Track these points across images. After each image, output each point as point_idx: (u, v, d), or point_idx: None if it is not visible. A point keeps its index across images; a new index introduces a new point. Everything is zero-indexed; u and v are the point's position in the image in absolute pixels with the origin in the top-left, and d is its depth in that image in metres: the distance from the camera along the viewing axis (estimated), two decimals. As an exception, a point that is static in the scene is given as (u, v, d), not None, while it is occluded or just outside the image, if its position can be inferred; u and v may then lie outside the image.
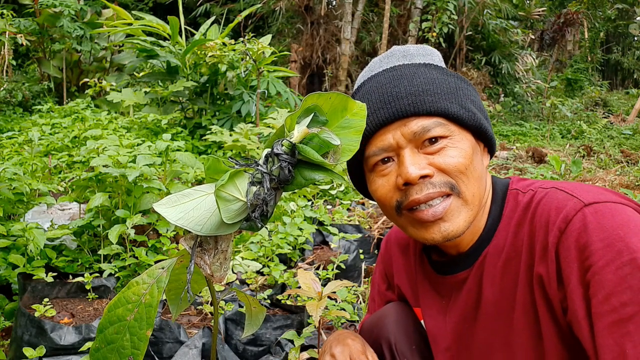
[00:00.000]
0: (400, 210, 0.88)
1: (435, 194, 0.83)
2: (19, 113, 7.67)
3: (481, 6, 10.98)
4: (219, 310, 1.94)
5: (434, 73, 0.89)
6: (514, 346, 0.87)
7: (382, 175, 0.89)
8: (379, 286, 1.28)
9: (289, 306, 2.07)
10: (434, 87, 0.86)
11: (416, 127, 0.84)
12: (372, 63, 0.98)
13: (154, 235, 2.61)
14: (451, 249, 0.96)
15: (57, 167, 4.35)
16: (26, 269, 2.07)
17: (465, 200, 0.86)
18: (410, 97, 0.85)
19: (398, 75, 0.88)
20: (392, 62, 0.93)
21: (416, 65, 0.91)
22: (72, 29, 7.84)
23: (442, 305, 1.01)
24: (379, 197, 0.91)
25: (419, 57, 0.93)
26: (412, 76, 0.88)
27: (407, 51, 0.95)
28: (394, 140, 0.86)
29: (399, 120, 0.85)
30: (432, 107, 0.84)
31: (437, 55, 0.97)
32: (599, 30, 14.90)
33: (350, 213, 3.62)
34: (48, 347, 1.69)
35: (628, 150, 7.07)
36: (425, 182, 0.84)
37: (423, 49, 0.96)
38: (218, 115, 5.64)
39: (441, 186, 0.84)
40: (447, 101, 0.86)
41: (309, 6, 11.00)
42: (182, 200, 0.71)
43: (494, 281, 0.89)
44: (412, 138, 0.85)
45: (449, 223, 0.85)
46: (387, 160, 0.88)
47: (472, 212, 0.87)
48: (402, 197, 0.86)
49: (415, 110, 0.84)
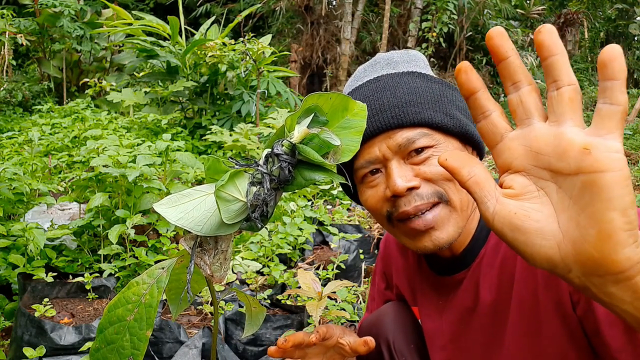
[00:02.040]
0: (392, 220, 0.88)
1: (423, 205, 0.84)
2: (19, 113, 7.67)
3: (481, 6, 10.99)
4: (219, 310, 1.94)
5: (417, 82, 0.89)
6: (510, 345, 0.87)
7: (371, 186, 0.90)
8: (378, 285, 1.29)
9: (289, 306, 2.07)
10: (417, 97, 0.87)
11: (401, 139, 0.85)
12: (357, 72, 0.98)
13: (154, 235, 2.61)
14: (445, 251, 0.96)
15: (57, 167, 4.35)
16: (26, 269, 2.07)
17: (454, 207, 0.86)
18: (394, 110, 0.86)
19: (381, 87, 0.89)
20: (377, 71, 0.94)
21: (399, 74, 0.91)
22: (72, 29, 7.84)
23: (439, 305, 1.02)
24: (370, 208, 0.92)
25: (403, 65, 0.94)
26: (395, 87, 0.88)
27: (391, 59, 0.95)
28: (380, 153, 0.87)
29: (384, 132, 0.86)
30: (415, 118, 0.85)
31: (422, 60, 0.97)
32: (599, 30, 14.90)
33: (350, 213, 3.63)
34: (48, 347, 1.69)
35: (628, 150, 7.07)
36: (412, 194, 0.84)
37: (407, 54, 0.96)
38: (218, 115, 5.64)
39: (429, 197, 0.84)
40: (430, 110, 0.86)
41: (309, 6, 11.00)
42: (182, 201, 0.71)
43: (491, 281, 0.90)
44: (397, 150, 0.86)
45: (439, 231, 0.85)
46: (376, 172, 0.89)
47: (462, 218, 0.87)
48: (392, 208, 0.87)
49: (398, 122, 0.85)
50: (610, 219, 0.42)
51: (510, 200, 0.47)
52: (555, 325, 0.80)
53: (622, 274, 0.43)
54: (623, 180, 0.42)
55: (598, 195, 0.42)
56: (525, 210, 0.46)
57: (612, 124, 0.43)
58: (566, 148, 0.44)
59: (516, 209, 0.47)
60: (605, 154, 0.42)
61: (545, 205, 0.46)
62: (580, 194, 0.43)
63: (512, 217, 0.47)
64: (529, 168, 0.47)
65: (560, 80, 0.45)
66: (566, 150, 0.44)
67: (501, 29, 0.47)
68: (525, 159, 0.47)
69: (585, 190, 0.43)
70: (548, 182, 0.46)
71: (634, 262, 0.42)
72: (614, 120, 0.42)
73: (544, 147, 0.46)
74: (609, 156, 0.42)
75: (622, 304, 0.45)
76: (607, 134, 0.42)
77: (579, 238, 0.44)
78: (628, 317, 0.46)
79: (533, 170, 0.47)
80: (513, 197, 0.48)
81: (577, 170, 0.43)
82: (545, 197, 0.46)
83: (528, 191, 0.47)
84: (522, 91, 0.48)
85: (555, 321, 0.80)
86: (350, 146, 0.69)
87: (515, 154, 0.48)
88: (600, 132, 0.43)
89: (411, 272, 1.12)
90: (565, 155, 0.44)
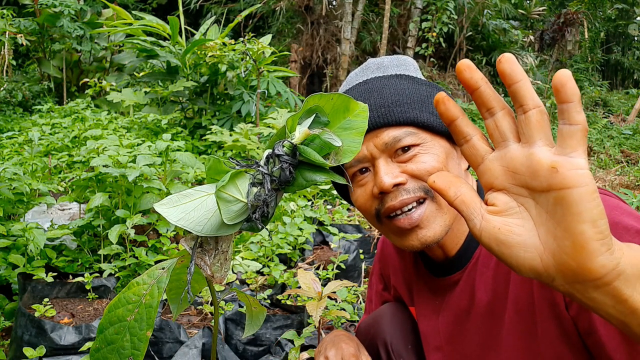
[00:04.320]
0: (380, 218, 0.90)
1: (409, 199, 0.86)
2: (19, 113, 7.66)
3: (481, 6, 10.99)
4: (219, 310, 1.94)
5: (404, 83, 0.92)
6: (506, 346, 0.87)
7: (360, 185, 0.92)
8: (376, 286, 1.29)
9: (289, 306, 2.07)
10: (404, 97, 0.89)
11: (387, 137, 0.87)
12: (349, 77, 1.01)
13: (154, 235, 2.61)
14: (436, 251, 0.97)
15: (57, 167, 4.35)
16: (26, 269, 2.07)
17: (439, 204, 0.87)
18: (380, 110, 0.88)
19: (369, 89, 0.92)
20: (367, 75, 0.97)
21: (388, 77, 0.94)
22: (72, 29, 7.83)
23: (435, 305, 1.02)
24: (359, 206, 0.93)
25: (392, 68, 0.96)
26: (382, 88, 0.91)
27: (381, 63, 0.98)
28: (367, 152, 0.89)
29: (371, 132, 0.88)
30: (401, 117, 0.87)
31: (412, 65, 1.00)
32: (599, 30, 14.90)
33: (350, 213, 3.63)
34: (48, 347, 1.69)
35: (628, 150, 7.07)
36: (399, 190, 0.86)
37: (397, 59, 0.99)
38: (218, 115, 5.64)
39: (415, 191, 0.86)
40: (416, 110, 0.88)
41: (309, 6, 10.99)
42: (183, 201, 0.71)
43: (486, 282, 0.90)
44: (384, 148, 0.88)
45: (425, 229, 0.87)
46: (365, 171, 0.91)
47: (448, 216, 0.88)
48: (379, 205, 0.89)
49: (385, 121, 0.87)
50: (582, 231, 0.45)
51: (495, 216, 0.51)
52: (550, 325, 0.80)
53: (600, 280, 0.46)
54: (590, 194, 0.45)
55: (568, 209, 0.46)
56: (508, 226, 0.50)
57: (573, 142, 0.46)
58: (537, 168, 0.48)
59: (500, 225, 0.51)
60: (572, 171, 0.45)
61: (526, 220, 0.50)
62: (554, 208, 0.47)
63: (496, 232, 0.50)
64: (509, 187, 0.51)
65: (525, 104, 0.48)
66: (537, 170, 0.48)
67: (468, 63, 0.51)
68: (504, 179, 0.51)
69: (557, 205, 0.47)
70: (527, 199, 0.50)
71: (609, 269, 0.46)
72: (574, 139, 0.46)
73: (519, 167, 0.49)
74: (575, 173, 0.45)
75: (605, 307, 0.48)
76: (571, 152, 0.46)
77: (557, 249, 0.47)
78: (613, 320, 0.49)
79: (512, 188, 0.51)
80: (497, 214, 0.51)
81: (549, 187, 0.47)
82: (526, 212, 0.50)
83: (510, 207, 0.51)
84: (496, 116, 0.51)
85: (551, 322, 0.80)
86: (351, 147, 0.70)
87: (495, 173, 0.52)
88: (565, 151, 0.46)
89: (408, 273, 1.12)
90: (537, 174, 0.48)
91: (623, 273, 0.47)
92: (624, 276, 0.47)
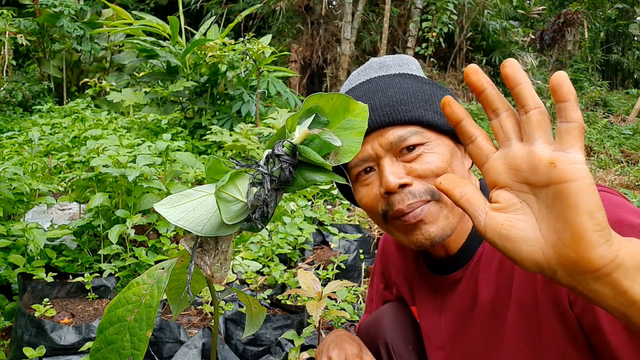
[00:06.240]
0: (387, 218, 0.90)
1: (416, 203, 0.85)
2: (19, 113, 7.66)
3: (481, 6, 10.99)
4: (219, 310, 1.94)
5: (408, 82, 0.91)
6: (509, 344, 0.87)
7: (365, 184, 0.92)
8: (377, 286, 1.29)
9: (289, 306, 2.07)
10: (408, 96, 0.89)
11: (392, 136, 0.87)
12: (351, 76, 1.00)
13: (154, 235, 2.61)
14: (438, 250, 0.97)
15: (57, 167, 4.35)
16: (26, 269, 2.07)
17: (445, 203, 0.87)
18: (385, 108, 0.88)
19: (373, 88, 0.91)
20: (369, 74, 0.96)
21: (391, 76, 0.93)
22: (72, 29, 7.83)
23: (437, 304, 1.02)
24: (365, 206, 0.93)
25: (394, 67, 0.96)
26: (386, 87, 0.90)
27: (383, 62, 0.97)
28: (372, 151, 0.88)
29: (376, 131, 0.88)
30: (406, 116, 0.87)
31: (414, 64, 0.99)
32: (599, 30, 14.89)
33: (350, 213, 3.63)
34: (48, 347, 1.69)
35: (628, 150, 7.06)
36: (405, 192, 0.86)
37: (400, 58, 0.99)
38: (218, 115, 5.63)
39: (422, 195, 0.86)
40: (421, 109, 0.88)
41: (309, 6, 10.99)
42: (183, 201, 0.71)
43: (489, 280, 0.90)
44: (389, 148, 0.87)
45: (429, 225, 0.86)
46: (370, 170, 0.90)
47: (453, 214, 0.88)
48: (387, 206, 0.88)
49: (390, 120, 0.87)
50: (580, 222, 0.48)
51: (498, 213, 0.54)
52: (554, 323, 0.80)
53: (599, 271, 0.48)
54: (587, 187, 0.47)
55: (567, 202, 0.48)
56: (511, 221, 0.53)
57: (571, 138, 0.49)
58: (536, 164, 0.51)
59: (503, 221, 0.53)
60: (569, 165, 0.48)
61: (528, 216, 0.53)
62: (553, 202, 0.50)
63: (500, 228, 0.53)
64: (511, 183, 0.54)
65: (527, 105, 0.51)
66: (537, 166, 0.51)
67: (475, 67, 0.54)
68: (507, 176, 0.54)
69: (556, 199, 0.49)
70: (528, 195, 0.53)
71: (607, 259, 0.48)
72: (571, 135, 0.49)
73: (521, 164, 0.53)
74: (572, 167, 0.48)
75: (606, 299, 0.50)
76: (568, 148, 0.49)
77: (557, 242, 0.50)
78: (614, 312, 0.51)
79: (515, 185, 0.54)
80: (500, 210, 0.54)
81: (548, 182, 0.50)
82: (527, 208, 0.53)
83: (512, 204, 0.54)
84: (501, 117, 0.54)
85: (554, 319, 0.80)
86: (351, 147, 0.70)
87: (498, 171, 0.55)
88: (563, 147, 0.49)
89: (409, 272, 1.12)
90: (537, 170, 0.51)
91: (622, 265, 0.48)
92: (624, 268, 0.48)
